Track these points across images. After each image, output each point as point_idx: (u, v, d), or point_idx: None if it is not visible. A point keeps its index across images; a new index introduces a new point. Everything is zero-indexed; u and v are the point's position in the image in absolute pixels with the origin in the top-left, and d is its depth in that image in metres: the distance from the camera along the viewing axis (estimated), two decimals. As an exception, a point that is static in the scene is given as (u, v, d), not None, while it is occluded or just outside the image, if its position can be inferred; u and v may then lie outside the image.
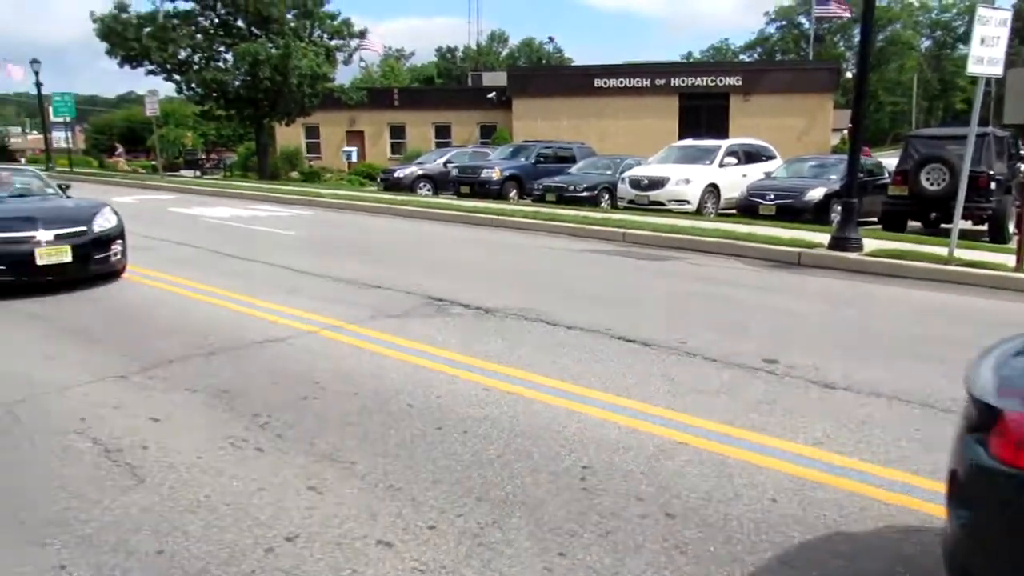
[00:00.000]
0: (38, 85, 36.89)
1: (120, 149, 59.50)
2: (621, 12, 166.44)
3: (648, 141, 30.63)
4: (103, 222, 9.20)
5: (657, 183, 17.99)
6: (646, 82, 35.89)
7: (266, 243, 12.73)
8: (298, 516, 3.60)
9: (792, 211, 15.47)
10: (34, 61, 36.71)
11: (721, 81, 35.37)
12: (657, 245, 12.44)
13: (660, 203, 17.63)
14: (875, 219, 15.59)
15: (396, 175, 26.57)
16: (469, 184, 22.55)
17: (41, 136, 52.93)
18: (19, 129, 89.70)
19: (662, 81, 35.71)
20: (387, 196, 21.88)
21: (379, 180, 28.50)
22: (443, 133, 41.09)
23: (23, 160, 57.24)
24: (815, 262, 10.62)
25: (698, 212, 17.36)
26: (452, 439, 4.48)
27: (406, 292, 8.51)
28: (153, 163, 44.22)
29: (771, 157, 20.17)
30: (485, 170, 22.69)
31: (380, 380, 5.55)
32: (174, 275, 9.56)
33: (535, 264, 10.82)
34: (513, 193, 22.20)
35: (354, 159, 39.56)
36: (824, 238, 11.31)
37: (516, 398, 5.15)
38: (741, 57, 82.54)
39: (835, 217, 14.27)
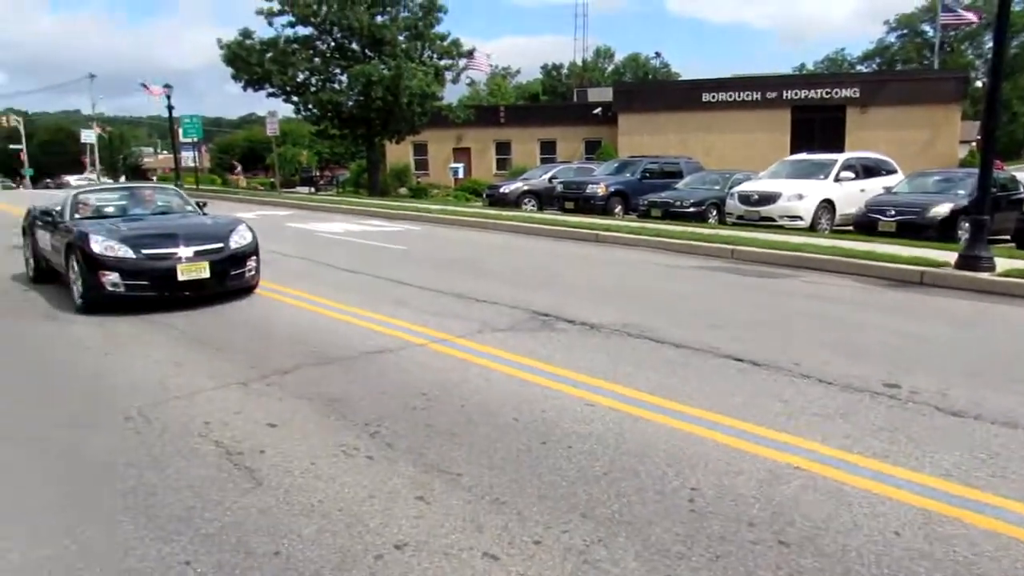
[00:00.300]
0: (169, 108, 39.44)
1: (238, 168, 62.90)
2: (731, 25, 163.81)
3: (757, 155, 29.86)
4: (239, 239, 9.41)
5: (768, 198, 17.47)
6: (756, 95, 35.00)
7: (376, 257, 13.11)
8: (407, 525, 3.67)
9: (914, 228, 14.70)
10: (167, 86, 39.32)
11: (837, 93, 34.08)
12: (768, 262, 12.07)
13: (771, 219, 17.11)
14: (1007, 237, 14.61)
15: (501, 191, 26.90)
16: (574, 199, 22.57)
17: (170, 155, 56.59)
18: (151, 149, 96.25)
19: (773, 94, 34.75)
20: (492, 212, 22.16)
21: (484, 196, 28.94)
22: (548, 149, 41.36)
23: (154, 178, 61.35)
24: (940, 282, 10.03)
25: (811, 228, 16.74)
26: (557, 454, 4.47)
27: (512, 307, 8.57)
28: (272, 180, 46.44)
29: (892, 171, 19.25)
30: (590, 186, 22.66)
31: (486, 393, 5.61)
32: (291, 287, 9.97)
33: (640, 280, 10.70)
34: (618, 209, 22.06)
35: (460, 175, 40.31)
36: (950, 257, 10.69)
37: (621, 415, 5.09)
38: (858, 68, 79.26)
39: (963, 235, 13.48)
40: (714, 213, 19.35)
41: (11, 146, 74.64)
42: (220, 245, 9.12)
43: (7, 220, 22.00)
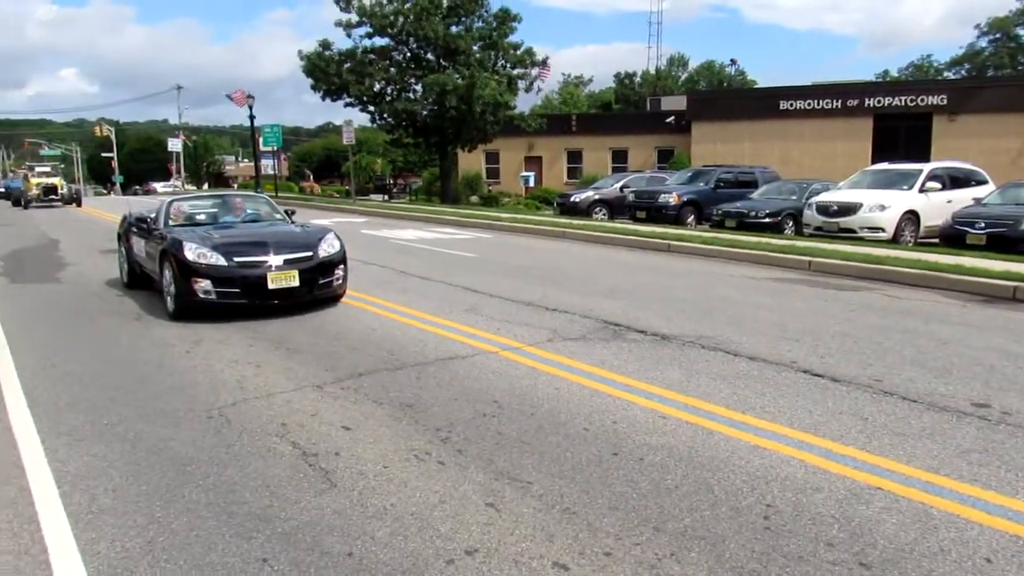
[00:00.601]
0: (251, 118, 40.66)
1: (310, 175, 64.58)
2: (811, 32, 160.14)
3: (837, 165, 29.03)
4: (327, 247, 9.37)
5: (848, 209, 16.96)
6: (836, 103, 34.03)
7: (448, 264, 13.25)
8: (477, 531, 3.68)
9: (1006, 241, 14.02)
10: (249, 96, 40.56)
11: (923, 100, 32.85)
12: (847, 275, 11.71)
13: (851, 230, 16.59)
14: (1108, 251, 13.80)
15: (572, 200, 26.85)
16: (646, 209, 22.36)
17: (250, 164, 58.45)
18: (233, 157, 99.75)
19: (855, 101, 33.72)
20: (563, 220, 22.15)
21: (555, 204, 28.94)
22: (620, 158, 41.11)
23: (235, 185, 63.49)
24: (1034, 297, 9.55)
25: (894, 241, 16.16)
26: (629, 466, 4.42)
27: (583, 316, 8.54)
28: (347, 188, 47.50)
29: (982, 182, 18.42)
30: (662, 195, 22.41)
31: (556, 402, 5.59)
32: (365, 293, 10.15)
33: (714, 291, 10.51)
34: (691, 219, 21.75)
35: (531, 184, 40.44)
36: (1045, 271, 10.17)
37: (695, 428, 5.01)
38: (946, 74, 76.26)
39: (1059, 248, 12.81)
40: (790, 224, 18.88)
41: (103, 154, 78.48)
42: (309, 254, 9.13)
43: (99, 226, 23.14)
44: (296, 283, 8.83)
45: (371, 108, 34.46)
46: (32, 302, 10.37)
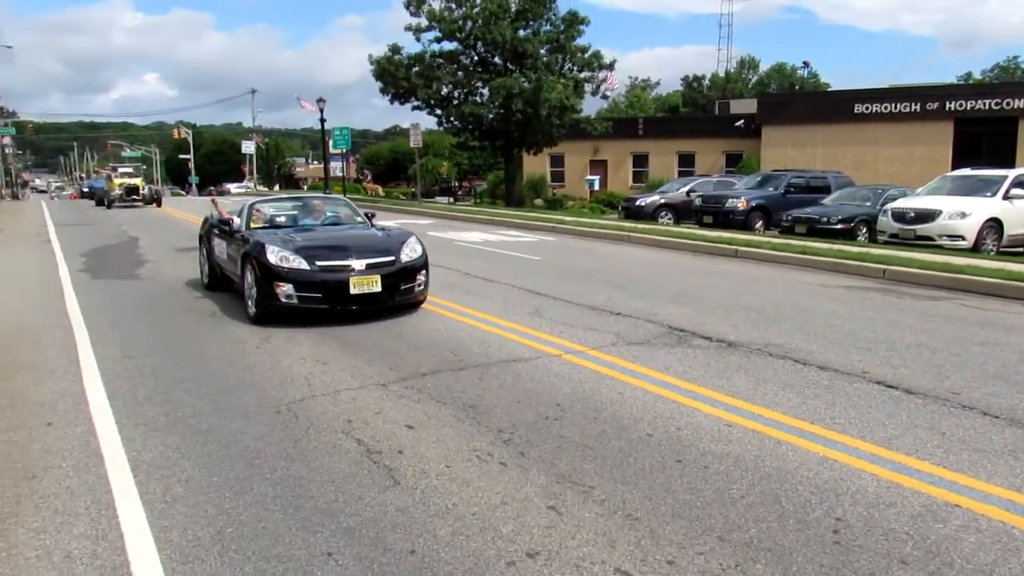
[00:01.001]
0: (322, 121, 41.57)
1: (368, 176, 65.47)
2: (888, 33, 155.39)
3: (913, 170, 28.12)
4: (410, 252, 9.20)
5: (926, 216, 16.37)
6: (915, 107, 32.89)
7: (512, 267, 13.28)
8: (538, 533, 3.68)
9: (1097, 251, 13.35)
10: (320, 100, 41.44)
11: (1009, 103, 31.45)
12: (924, 284, 11.29)
13: (928, 238, 16.00)
14: None
15: (638, 203, 26.62)
16: (713, 214, 22.03)
17: (320, 166, 59.73)
18: (303, 159, 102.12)
19: (934, 105, 32.53)
20: (628, 224, 21.96)
21: (620, 208, 28.74)
22: (686, 162, 40.59)
23: (305, 187, 64.93)
24: None
25: (974, 249, 15.53)
26: (693, 474, 4.35)
27: (647, 320, 8.46)
28: (413, 190, 48.11)
29: (1071, 189, 17.56)
30: (730, 200, 22.03)
31: (619, 406, 5.55)
32: (431, 294, 10.22)
33: (783, 298, 10.27)
34: (759, 224, 21.32)
35: (596, 187, 40.23)
36: None
37: (762, 437, 4.90)
38: (1032, 76, 72.95)
39: None
40: (864, 231, 18.34)
41: (180, 156, 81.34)
42: (391, 259, 8.93)
43: (177, 225, 23.97)
44: (378, 288, 8.64)
45: (438, 111, 34.80)
46: (112, 297, 10.79)
